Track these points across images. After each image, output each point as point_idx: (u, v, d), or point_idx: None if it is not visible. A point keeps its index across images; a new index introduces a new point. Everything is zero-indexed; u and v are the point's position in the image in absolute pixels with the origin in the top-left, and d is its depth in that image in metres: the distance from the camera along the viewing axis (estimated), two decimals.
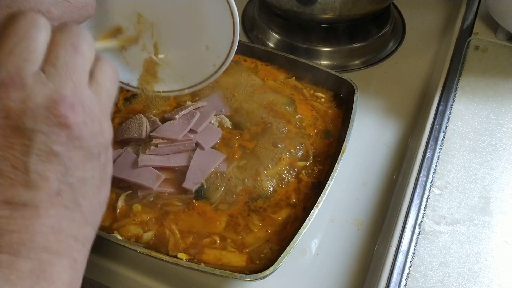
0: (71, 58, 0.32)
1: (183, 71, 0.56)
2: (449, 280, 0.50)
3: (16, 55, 0.30)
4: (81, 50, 0.33)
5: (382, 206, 0.61)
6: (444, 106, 0.66)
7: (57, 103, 0.30)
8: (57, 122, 0.30)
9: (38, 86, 0.30)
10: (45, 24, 0.32)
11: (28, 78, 0.30)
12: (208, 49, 0.55)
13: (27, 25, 0.31)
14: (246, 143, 0.62)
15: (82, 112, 0.31)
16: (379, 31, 0.81)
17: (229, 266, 0.51)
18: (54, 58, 0.31)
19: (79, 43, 0.33)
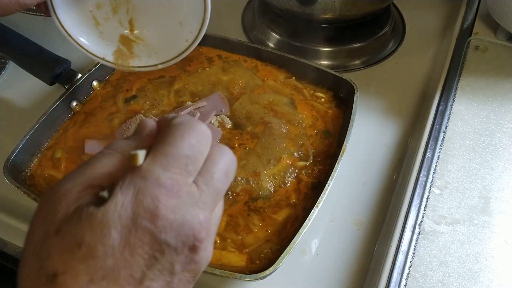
0: (222, 182, 0.32)
1: (157, 47, 0.58)
2: (449, 280, 0.50)
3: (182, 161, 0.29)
4: (229, 178, 0.33)
5: (382, 206, 0.61)
6: (444, 106, 0.66)
7: (202, 226, 0.29)
8: (192, 245, 0.29)
9: (190, 201, 0.29)
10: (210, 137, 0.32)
11: (186, 190, 0.29)
12: (181, 25, 0.56)
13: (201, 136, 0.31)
14: (246, 143, 0.62)
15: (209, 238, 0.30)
16: (379, 31, 0.81)
17: (229, 266, 0.51)
18: (210, 178, 0.31)
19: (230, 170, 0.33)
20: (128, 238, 0.27)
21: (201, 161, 0.31)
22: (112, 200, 0.27)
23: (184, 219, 0.28)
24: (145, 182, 0.28)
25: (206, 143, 0.32)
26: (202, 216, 0.29)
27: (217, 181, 0.31)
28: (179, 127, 0.31)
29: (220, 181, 0.32)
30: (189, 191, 0.29)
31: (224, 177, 0.32)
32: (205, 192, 0.30)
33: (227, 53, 0.74)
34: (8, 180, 0.56)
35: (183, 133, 0.30)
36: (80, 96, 0.69)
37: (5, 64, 0.81)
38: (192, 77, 0.70)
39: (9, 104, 0.76)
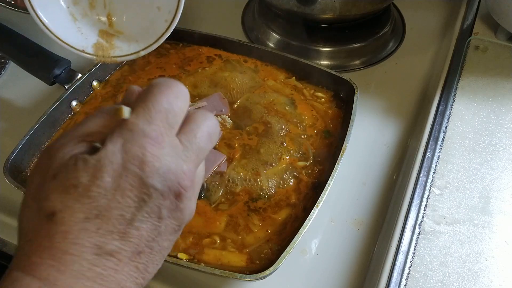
0: (205, 145, 0.35)
1: (138, 35, 0.58)
2: (449, 280, 0.50)
3: (164, 115, 0.32)
4: (212, 142, 0.36)
5: (382, 206, 0.61)
6: (444, 106, 0.66)
7: (186, 175, 0.32)
8: (177, 191, 0.32)
9: (173, 152, 0.32)
10: (188, 97, 0.35)
11: (169, 141, 0.32)
12: (160, 10, 0.56)
13: (179, 94, 0.34)
14: (246, 143, 0.62)
15: (193, 190, 0.33)
16: (379, 31, 0.81)
17: (229, 266, 0.51)
18: (193, 136, 0.34)
19: (213, 132, 0.36)
20: (119, 182, 0.30)
21: (181, 115, 0.34)
22: (104, 148, 0.30)
23: (169, 166, 0.31)
24: (132, 133, 0.31)
25: (184, 99, 0.34)
26: (186, 167, 0.32)
27: (200, 140, 0.34)
28: (157, 85, 0.34)
29: (203, 141, 0.34)
30: (172, 143, 0.32)
31: (206, 138, 0.35)
32: (188, 148, 0.33)
33: (227, 53, 0.74)
34: (8, 180, 0.56)
35: (160, 89, 0.33)
36: (80, 96, 0.68)
37: (5, 64, 0.81)
38: (192, 77, 0.70)
39: (9, 104, 0.76)
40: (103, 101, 0.69)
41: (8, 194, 0.62)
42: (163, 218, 0.31)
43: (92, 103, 0.69)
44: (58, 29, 0.55)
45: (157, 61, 0.73)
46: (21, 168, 0.60)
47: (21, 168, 0.60)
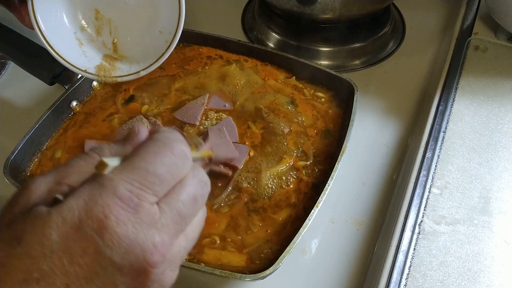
0: (188, 210, 0.30)
1: (139, 57, 0.59)
2: (449, 280, 0.50)
3: (148, 178, 0.28)
4: (198, 204, 0.31)
5: (382, 206, 0.61)
6: (444, 106, 0.66)
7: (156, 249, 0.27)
8: (142, 269, 0.27)
9: (148, 220, 0.27)
10: (189, 159, 0.31)
11: (145, 207, 0.27)
12: (161, 33, 0.58)
13: (177, 156, 0.30)
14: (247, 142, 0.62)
15: (166, 262, 0.28)
16: (379, 31, 0.81)
17: (229, 266, 0.51)
18: (175, 201, 0.29)
19: (200, 195, 0.31)
20: (69, 245, 0.25)
21: (170, 182, 0.29)
22: (64, 203, 0.26)
23: (136, 237, 0.26)
24: (101, 190, 0.26)
25: (182, 165, 0.30)
26: (159, 238, 0.27)
27: (182, 205, 0.29)
28: (157, 143, 0.30)
29: (186, 206, 0.30)
30: (149, 210, 0.27)
31: (190, 202, 0.30)
32: (167, 214, 0.28)
33: (227, 53, 0.74)
34: (8, 180, 0.56)
35: (159, 150, 0.29)
36: (80, 96, 0.68)
37: (5, 64, 0.81)
38: (192, 76, 0.70)
39: (9, 104, 0.76)
40: (103, 101, 0.69)
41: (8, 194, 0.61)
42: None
43: (92, 103, 0.69)
44: (62, 50, 0.57)
45: None
46: (21, 168, 0.60)
47: (21, 168, 0.60)
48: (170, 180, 0.29)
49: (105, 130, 0.64)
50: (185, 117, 0.64)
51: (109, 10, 0.58)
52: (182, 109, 0.65)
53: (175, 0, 0.55)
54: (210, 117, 0.64)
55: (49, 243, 0.25)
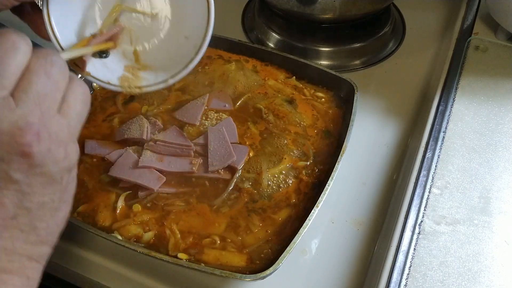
0: (43, 85, 0.32)
1: (165, 65, 0.56)
2: (449, 280, 0.50)
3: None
4: (54, 78, 0.33)
5: (382, 206, 0.61)
6: (444, 106, 0.66)
7: (23, 131, 0.30)
8: (20, 150, 0.30)
9: (5, 111, 0.30)
10: (24, 47, 0.32)
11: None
12: (187, 39, 0.54)
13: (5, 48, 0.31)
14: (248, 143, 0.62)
15: (47, 140, 0.31)
16: (379, 31, 0.81)
17: (229, 266, 0.51)
18: (27, 85, 0.31)
19: (52, 70, 0.33)
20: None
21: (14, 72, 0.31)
22: None
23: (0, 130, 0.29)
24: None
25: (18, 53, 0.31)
26: (23, 122, 0.30)
27: (37, 86, 0.31)
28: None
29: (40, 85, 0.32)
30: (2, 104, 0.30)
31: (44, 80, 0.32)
32: (23, 99, 0.31)
33: (227, 53, 0.73)
34: None
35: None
36: None
37: None
38: (193, 76, 0.70)
39: None
40: (103, 101, 0.69)
41: None
42: (19, 181, 0.30)
43: (92, 103, 0.68)
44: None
45: None
46: None
47: None
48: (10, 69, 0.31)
49: (105, 130, 0.64)
50: (185, 117, 0.64)
51: (129, 19, 0.54)
52: (182, 109, 0.65)
53: (202, 1, 0.52)
54: (210, 117, 0.64)
55: None
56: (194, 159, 0.58)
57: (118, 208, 0.56)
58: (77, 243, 0.58)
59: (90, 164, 0.60)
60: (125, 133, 0.62)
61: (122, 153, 0.59)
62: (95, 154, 0.61)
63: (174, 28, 0.55)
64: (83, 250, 0.57)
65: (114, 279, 0.56)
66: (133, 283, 0.55)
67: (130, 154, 0.59)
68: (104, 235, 0.52)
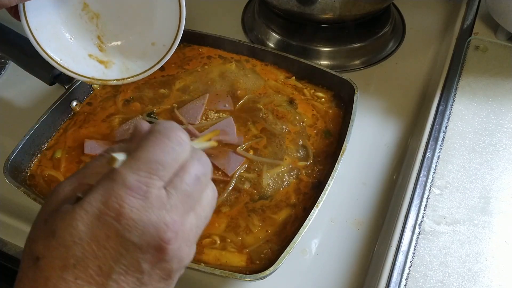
0: (192, 187, 0.33)
1: (128, 63, 0.59)
2: (449, 280, 0.50)
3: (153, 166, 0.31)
4: (201, 182, 0.34)
5: (382, 206, 0.61)
6: (444, 106, 0.66)
7: (167, 227, 0.31)
8: (158, 245, 0.31)
9: (157, 203, 0.31)
10: (188, 147, 0.34)
11: (153, 192, 0.31)
12: (154, 45, 0.58)
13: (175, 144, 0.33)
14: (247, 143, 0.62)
15: (181, 239, 0.32)
16: (379, 31, 0.81)
17: (229, 266, 0.51)
18: (179, 183, 0.33)
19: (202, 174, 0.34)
20: (94, 232, 0.30)
21: (174, 167, 0.33)
22: (84, 199, 0.31)
23: (149, 220, 0.30)
24: (113, 183, 0.30)
25: (181, 150, 0.33)
26: (169, 218, 0.31)
27: (186, 185, 0.33)
28: (155, 134, 0.33)
29: (190, 186, 0.33)
30: (158, 194, 0.31)
31: (194, 182, 0.33)
32: (174, 195, 0.32)
33: (227, 53, 0.74)
34: (8, 180, 0.56)
35: (157, 139, 0.33)
36: (80, 96, 0.68)
37: (5, 64, 0.81)
38: (193, 76, 0.70)
39: (9, 104, 0.76)
40: (103, 101, 0.69)
41: (8, 194, 0.62)
42: (144, 271, 0.31)
43: (92, 103, 0.69)
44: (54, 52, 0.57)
45: None
46: (21, 168, 0.60)
47: (21, 168, 0.60)
48: (172, 164, 0.33)
49: (105, 130, 0.64)
50: (185, 117, 0.64)
51: (98, 4, 0.58)
52: (182, 109, 0.65)
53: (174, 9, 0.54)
54: (210, 117, 0.64)
55: (77, 233, 0.30)
56: None
57: None
58: None
59: None
60: (125, 133, 0.62)
61: None
62: (95, 154, 0.61)
63: (141, 27, 0.58)
64: None
65: None
66: None
67: None
68: None
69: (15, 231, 0.59)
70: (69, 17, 0.58)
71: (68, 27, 0.58)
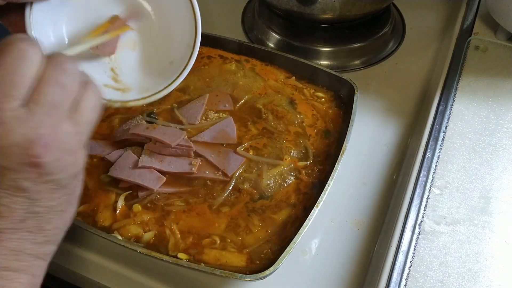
0: (56, 96, 0.32)
1: (146, 85, 0.55)
2: (449, 280, 0.50)
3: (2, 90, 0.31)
4: (66, 87, 0.33)
5: (382, 206, 0.61)
6: (444, 106, 0.66)
7: (33, 143, 0.31)
8: (29, 161, 0.31)
9: (17, 123, 0.30)
10: (35, 56, 0.32)
11: (8, 114, 0.30)
12: (171, 64, 0.55)
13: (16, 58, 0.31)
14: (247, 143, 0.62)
15: (56, 150, 0.32)
16: (379, 31, 0.81)
17: (229, 266, 0.51)
18: (39, 95, 0.32)
19: (65, 79, 0.33)
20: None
21: (26, 82, 0.31)
22: None
23: (12, 141, 0.30)
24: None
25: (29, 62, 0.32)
26: (33, 133, 0.31)
27: (48, 96, 0.32)
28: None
29: (53, 95, 0.32)
30: (14, 115, 0.30)
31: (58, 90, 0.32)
32: (36, 110, 0.31)
33: (227, 53, 0.73)
34: None
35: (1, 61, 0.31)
36: None
37: None
38: (193, 76, 0.70)
39: None
40: None
41: None
42: (27, 189, 0.31)
43: None
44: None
45: None
46: None
47: None
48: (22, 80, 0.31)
49: (105, 130, 0.64)
50: (185, 117, 0.64)
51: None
52: (182, 109, 0.65)
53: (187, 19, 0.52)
54: (210, 117, 0.64)
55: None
56: (193, 160, 0.58)
57: (118, 208, 0.56)
58: (77, 243, 0.58)
59: (90, 164, 0.60)
60: (124, 133, 0.62)
61: (122, 153, 0.59)
62: (95, 154, 0.61)
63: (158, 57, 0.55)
64: (83, 250, 0.57)
65: (114, 279, 0.56)
66: (133, 283, 0.55)
67: (130, 154, 0.59)
68: (104, 235, 0.52)
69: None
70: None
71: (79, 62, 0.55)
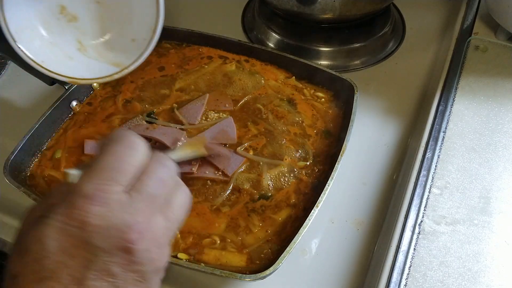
0: (155, 188, 0.35)
1: (111, 59, 0.58)
2: (449, 280, 0.50)
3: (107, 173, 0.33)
4: (165, 183, 0.36)
5: (382, 206, 0.61)
6: (444, 106, 0.66)
7: (129, 228, 0.32)
8: (123, 246, 0.32)
9: (118, 207, 0.32)
10: (142, 148, 0.35)
11: (112, 197, 0.32)
12: (134, 41, 0.57)
13: (127, 147, 0.34)
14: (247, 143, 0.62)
15: (148, 240, 0.33)
16: (379, 31, 0.81)
17: (229, 266, 0.51)
18: (141, 185, 0.34)
19: (165, 174, 0.36)
20: (62, 244, 0.31)
21: (131, 170, 0.34)
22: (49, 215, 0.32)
23: (112, 223, 0.32)
24: (72, 196, 0.32)
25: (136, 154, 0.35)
26: (132, 220, 0.32)
27: (149, 188, 0.34)
28: (105, 144, 0.35)
29: (154, 188, 0.34)
30: (117, 198, 0.32)
31: (158, 184, 0.35)
32: (137, 198, 0.33)
33: (227, 53, 0.74)
34: (8, 180, 0.56)
35: (109, 147, 0.34)
36: (80, 96, 0.68)
37: (5, 64, 0.81)
38: (193, 76, 0.70)
39: (9, 104, 0.76)
40: (103, 101, 0.69)
41: (8, 194, 0.62)
42: (116, 274, 0.32)
43: (92, 103, 0.69)
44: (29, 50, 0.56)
45: (157, 60, 0.73)
46: (21, 168, 0.60)
47: (21, 168, 0.60)
48: (128, 168, 0.34)
49: (105, 130, 0.64)
50: (185, 117, 0.64)
51: (76, 7, 0.58)
52: (182, 109, 0.65)
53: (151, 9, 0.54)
54: (210, 117, 0.64)
55: (47, 247, 0.31)
56: (193, 160, 0.58)
57: None
58: None
59: None
60: None
61: None
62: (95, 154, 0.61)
63: (120, 25, 0.58)
64: None
65: None
66: None
67: None
68: None
69: (15, 231, 0.59)
70: (47, 20, 0.58)
71: (47, 30, 0.58)
